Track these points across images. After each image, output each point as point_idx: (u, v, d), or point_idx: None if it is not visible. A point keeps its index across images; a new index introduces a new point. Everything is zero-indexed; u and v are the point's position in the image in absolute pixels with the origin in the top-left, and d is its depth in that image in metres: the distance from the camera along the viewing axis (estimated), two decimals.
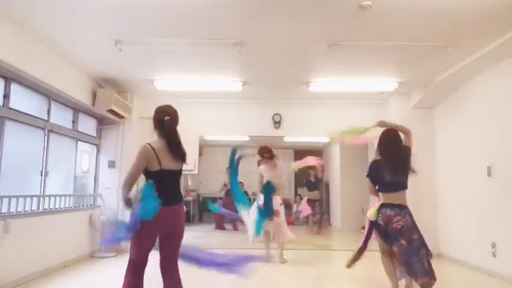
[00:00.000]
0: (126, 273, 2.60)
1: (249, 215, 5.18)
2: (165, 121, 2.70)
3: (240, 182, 9.76)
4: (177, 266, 2.70)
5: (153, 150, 2.64)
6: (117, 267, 5.00)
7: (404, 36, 4.03)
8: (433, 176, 6.01)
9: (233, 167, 5.43)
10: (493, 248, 4.54)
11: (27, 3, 3.41)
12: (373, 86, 5.84)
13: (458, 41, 4.11)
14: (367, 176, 3.66)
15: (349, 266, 3.73)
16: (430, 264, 3.18)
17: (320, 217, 9.06)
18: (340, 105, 6.69)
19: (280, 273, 4.70)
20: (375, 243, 3.75)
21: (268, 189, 5.20)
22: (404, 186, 3.39)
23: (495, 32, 3.88)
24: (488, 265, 4.62)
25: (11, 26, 3.69)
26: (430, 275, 3.13)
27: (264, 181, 5.29)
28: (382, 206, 3.37)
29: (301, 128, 6.82)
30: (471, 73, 4.95)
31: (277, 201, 5.23)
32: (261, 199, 5.17)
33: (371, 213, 3.41)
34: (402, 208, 3.32)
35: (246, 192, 9.66)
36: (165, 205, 2.49)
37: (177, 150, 2.68)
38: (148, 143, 2.67)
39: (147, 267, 2.65)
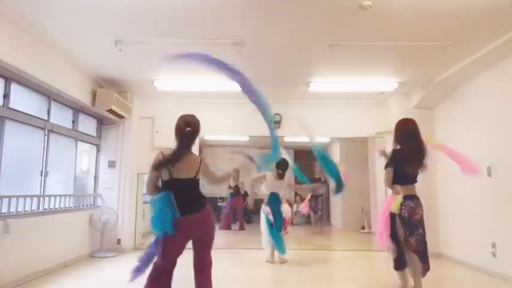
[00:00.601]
0: (149, 277, 2.56)
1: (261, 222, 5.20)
2: (187, 132, 2.67)
3: (241, 182, 9.79)
4: (208, 268, 2.73)
5: (162, 157, 2.58)
6: (117, 267, 5.01)
7: (404, 36, 4.03)
8: (433, 176, 6.00)
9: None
10: (493, 248, 4.54)
11: (27, 3, 3.42)
12: (373, 86, 5.84)
13: (458, 41, 4.11)
14: (389, 165, 3.52)
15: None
16: None
17: (321, 214, 9.01)
18: (340, 105, 6.70)
19: (280, 273, 4.70)
20: (376, 242, 3.75)
21: (275, 201, 5.12)
22: (416, 179, 3.53)
23: (495, 32, 3.88)
24: (488, 265, 4.62)
25: (11, 26, 3.69)
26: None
27: (265, 190, 5.24)
28: (405, 198, 3.42)
29: (301, 128, 6.81)
30: (471, 73, 4.95)
31: (286, 209, 5.25)
32: (265, 210, 5.11)
33: (395, 207, 3.41)
34: (418, 199, 3.46)
35: (246, 192, 9.68)
36: (182, 215, 2.50)
37: (182, 151, 2.63)
38: (162, 151, 2.61)
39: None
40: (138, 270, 2.67)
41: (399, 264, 3.46)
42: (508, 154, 4.38)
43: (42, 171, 4.68)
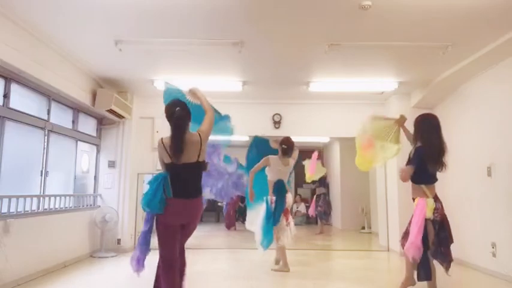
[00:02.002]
0: (159, 271, 2.72)
1: (258, 213, 4.68)
2: (175, 111, 2.67)
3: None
4: (183, 251, 2.88)
5: (162, 144, 2.68)
6: (117, 267, 5.01)
7: (404, 36, 4.03)
8: None
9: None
10: (493, 248, 4.54)
11: (27, 3, 3.41)
12: (373, 86, 5.85)
13: (458, 41, 4.11)
14: (413, 163, 3.32)
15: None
16: None
17: (321, 210, 8.98)
18: (340, 105, 6.69)
19: (280, 273, 4.70)
20: (376, 242, 3.74)
21: (282, 190, 4.66)
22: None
23: (495, 32, 3.88)
24: (488, 265, 4.62)
25: (11, 26, 3.69)
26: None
27: (270, 177, 4.74)
28: (436, 201, 3.30)
29: (301, 128, 6.82)
30: (471, 73, 4.95)
31: (289, 199, 4.76)
32: (269, 199, 4.64)
33: (429, 211, 3.23)
34: (439, 200, 3.34)
35: None
36: (176, 197, 2.59)
37: (178, 142, 2.61)
38: (162, 138, 2.73)
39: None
40: (138, 260, 2.74)
41: (426, 274, 3.26)
42: (508, 154, 4.38)
43: (42, 171, 4.67)
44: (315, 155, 7.82)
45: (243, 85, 5.72)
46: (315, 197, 9.27)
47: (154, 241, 2.82)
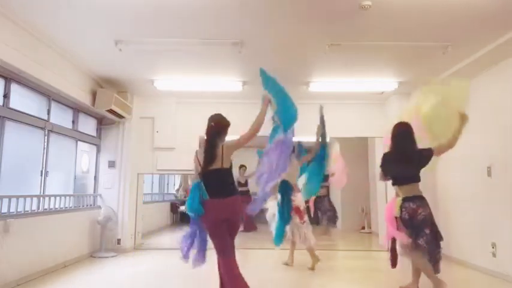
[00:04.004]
0: (218, 261, 3.02)
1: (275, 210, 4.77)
2: (210, 127, 3.12)
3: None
4: (233, 249, 3.07)
5: (196, 155, 3.14)
6: (117, 267, 5.01)
7: (404, 36, 4.03)
8: (433, 176, 6.00)
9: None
10: (493, 248, 4.54)
11: (27, 3, 3.41)
12: (373, 86, 5.84)
13: (458, 41, 4.11)
14: (380, 166, 3.76)
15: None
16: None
17: (331, 214, 8.90)
18: (340, 105, 6.68)
19: (280, 273, 4.70)
20: (376, 242, 3.75)
21: (286, 189, 4.73)
22: (415, 179, 3.52)
23: (495, 32, 3.88)
24: (488, 265, 4.62)
25: (11, 26, 3.69)
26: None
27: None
28: (404, 200, 3.46)
29: (301, 128, 6.79)
30: (471, 73, 4.95)
31: (298, 198, 4.81)
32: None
33: (396, 209, 3.49)
34: (422, 199, 3.46)
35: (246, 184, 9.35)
36: (212, 197, 2.98)
37: (209, 153, 3.05)
38: (197, 155, 3.15)
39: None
40: (185, 254, 3.07)
41: (392, 261, 3.67)
42: (508, 154, 4.38)
43: (42, 171, 4.68)
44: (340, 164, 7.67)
45: (243, 85, 5.72)
46: (314, 198, 9.21)
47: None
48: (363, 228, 9.20)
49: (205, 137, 3.13)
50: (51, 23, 3.82)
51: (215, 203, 2.98)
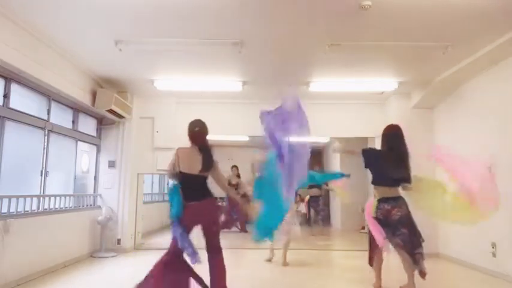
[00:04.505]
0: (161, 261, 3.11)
1: None
2: (197, 132, 3.21)
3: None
4: (216, 252, 3.19)
5: (177, 155, 3.18)
6: (117, 267, 5.01)
7: (404, 36, 4.03)
8: (433, 176, 6.00)
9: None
10: (493, 248, 4.54)
11: (27, 3, 3.41)
12: (373, 86, 5.84)
13: (458, 41, 4.11)
14: (364, 155, 3.78)
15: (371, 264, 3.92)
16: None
17: (323, 214, 8.95)
18: (340, 105, 6.69)
19: (280, 273, 4.70)
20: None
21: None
22: (399, 183, 3.62)
23: (495, 32, 3.88)
24: (488, 265, 4.62)
25: (11, 26, 3.69)
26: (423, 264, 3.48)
27: None
28: (380, 201, 3.59)
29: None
30: (471, 73, 4.95)
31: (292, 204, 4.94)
32: None
33: (372, 210, 3.62)
34: (397, 200, 3.56)
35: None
36: (187, 201, 3.06)
37: (206, 160, 3.15)
38: (179, 148, 3.23)
39: None
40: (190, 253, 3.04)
41: (369, 259, 3.85)
42: (508, 154, 4.38)
43: (42, 171, 4.68)
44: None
45: (243, 85, 5.72)
46: (308, 197, 9.22)
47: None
48: (363, 228, 9.18)
49: (192, 142, 3.21)
50: (51, 23, 3.82)
51: (190, 207, 3.07)
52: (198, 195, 3.13)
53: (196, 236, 3.21)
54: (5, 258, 3.70)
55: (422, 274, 3.47)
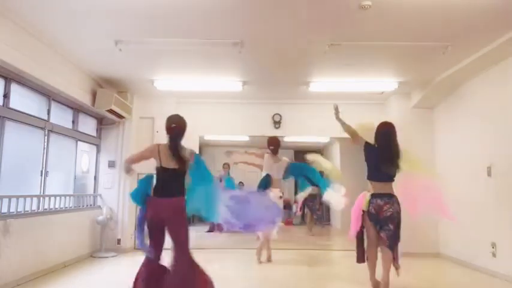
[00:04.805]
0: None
1: None
2: (173, 128, 3.17)
3: (240, 182, 9.78)
4: (181, 245, 3.07)
5: (157, 149, 3.11)
6: (117, 267, 5.01)
7: (404, 36, 4.03)
8: (433, 176, 6.00)
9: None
10: (493, 248, 4.54)
11: (27, 3, 3.41)
12: (373, 86, 5.85)
13: (458, 41, 4.11)
14: (365, 149, 3.83)
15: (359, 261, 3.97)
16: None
17: (320, 214, 8.95)
18: (340, 105, 6.67)
19: (280, 273, 4.70)
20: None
21: (264, 183, 5.10)
22: (393, 179, 3.69)
23: (495, 32, 3.88)
24: (488, 265, 4.62)
25: (11, 26, 3.69)
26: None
27: (264, 172, 5.22)
28: (373, 196, 3.67)
29: (301, 128, 6.82)
30: (471, 73, 4.95)
31: (276, 194, 5.00)
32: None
33: (364, 204, 3.73)
34: (391, 197, 3.64)
35: None
36: (156, 196, 3.07)
37: (175, 152, 3.10)
38: (158, 143, 3.18)
39: None
40: (140, 239, 3.13)
41: (359, 257, 3.91)
42: (508, 154, 4.38)
43: (42, 171, 4.67)
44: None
45: (243, 85, 5.72)
46: (306, 195, 9.19)
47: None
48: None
49: (170, 138, 3.17)
50: (51, 23, 3.82)
51: (157, 202, 3.04)
52: (172, 191, 3.08)
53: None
54: (4, 258, 3.69)
55: (397, 270, 3.65)
